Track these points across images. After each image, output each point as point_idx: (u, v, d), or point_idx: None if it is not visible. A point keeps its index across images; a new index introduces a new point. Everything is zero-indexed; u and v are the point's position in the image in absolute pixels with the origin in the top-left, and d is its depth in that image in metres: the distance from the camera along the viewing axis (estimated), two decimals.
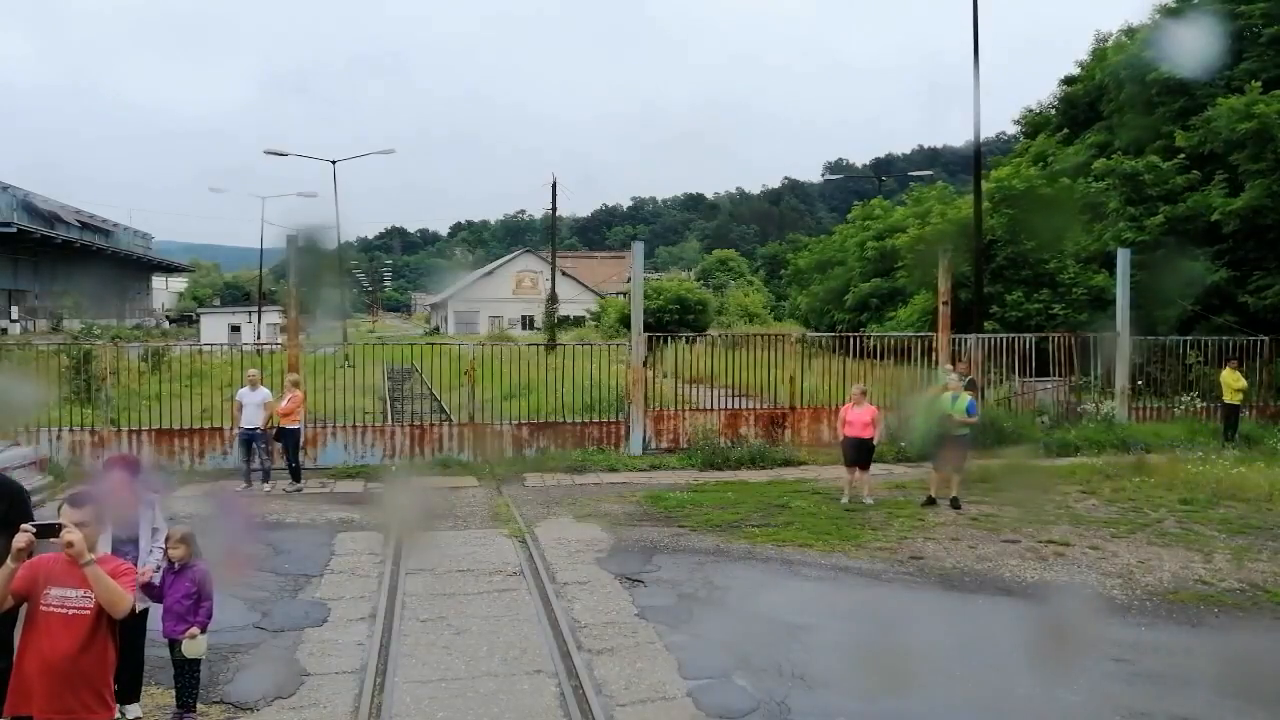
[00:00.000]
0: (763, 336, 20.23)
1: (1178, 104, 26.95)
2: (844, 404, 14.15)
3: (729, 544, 11.06)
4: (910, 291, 31.57)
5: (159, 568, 6.29)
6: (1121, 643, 7.96)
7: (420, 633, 8.08)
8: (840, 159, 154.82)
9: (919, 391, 16.30)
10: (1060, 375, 19.57)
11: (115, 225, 71.95)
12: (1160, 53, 26.72)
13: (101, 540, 6.21)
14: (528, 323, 73.03)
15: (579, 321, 63.58)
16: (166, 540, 6.33)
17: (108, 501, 6.32)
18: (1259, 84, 23.44)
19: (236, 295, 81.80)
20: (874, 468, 13.68)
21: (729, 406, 17.91)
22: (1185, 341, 20.28)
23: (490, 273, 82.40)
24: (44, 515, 6.76)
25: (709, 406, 17.82)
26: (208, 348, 28.22)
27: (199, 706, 6.62)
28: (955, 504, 12.76)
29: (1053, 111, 36.03)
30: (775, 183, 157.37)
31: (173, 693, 6.87)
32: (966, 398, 13.08)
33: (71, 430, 15.40)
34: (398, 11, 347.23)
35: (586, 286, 76.53)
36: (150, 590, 6.26)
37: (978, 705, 6.86)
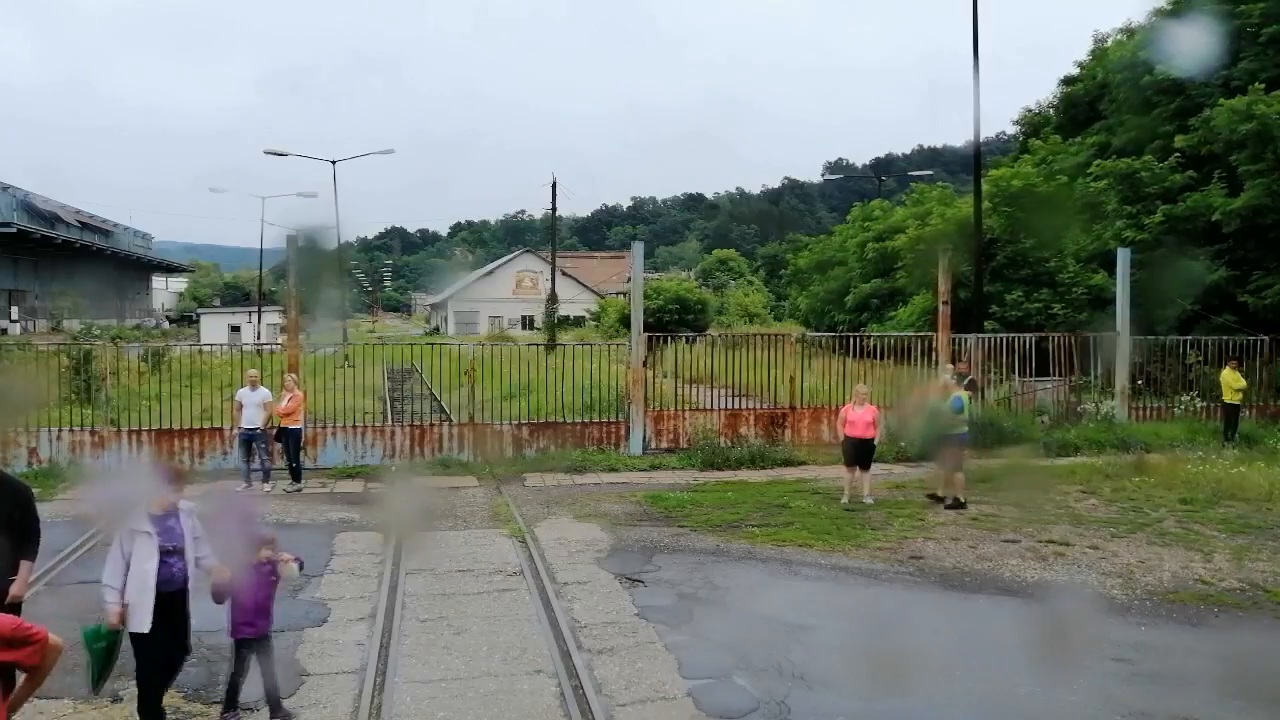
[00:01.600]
0: (763, 336, 20.22)
1: (1174, 104, 26.97)
2: (844, 404, 14.16)
3: (729, 544, 11.06)
4: (910, 291, 31.56)
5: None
6: (1121, 643, 7.97)
7: (420, 633, 8.08)
8: (840, 159, 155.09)
9: (917, 390, 16.29)
10: (1060, 375, 19.57)
11: (115, 225, 71.90)
12: (1159, 53, 26.72)
13: (142, 552, 5.87)
14: (528, 323, 73.01)
15: (579, 321, 63.58)
16: (268, 556, 6.31)
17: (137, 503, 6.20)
18: (1261, 85, 23.44)
19: (236, 295, 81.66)
20: (874, 468, 13.67)
21: (729, 406, 17.90)
22: (1185, 341, 20.28)
23: (490, 273, 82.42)
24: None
25: (709, 406, 17.82)
26: (207, 348, 28.21)
27: (198, 706, 6.63)
28: (956, 503, 12.76)
29: (1052, 111, 36.04)
30: (775, 183, 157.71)
31: (173, 692, 6.87)
32: (953, 394, 13.14)
33: (71, 430, 15.38)
34: (397, 11, 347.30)
35: (586, 286, 76.52)
36: (218, 592, 6.19)
37: (978, 705, 6.86)
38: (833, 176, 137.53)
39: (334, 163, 45.87)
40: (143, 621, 5.83)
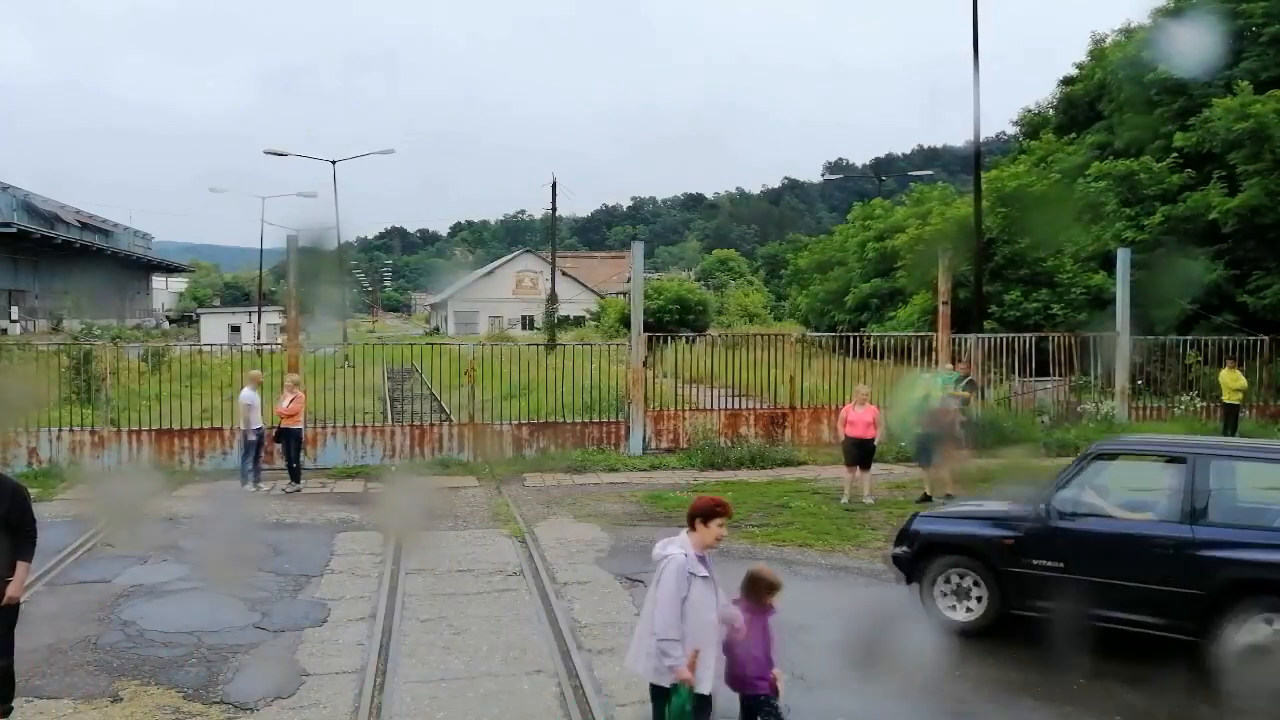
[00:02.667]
0: (763, 336, 20.22)
1: (1176, 104, 26.99)
2: (845, 404, 14.17)
3: (729, 544, 11.01)
4: (910, 291, 31.58)
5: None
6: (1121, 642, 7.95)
7: (420, 633, 8.08)
8: (840, 159, 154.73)
9: (906, 388, 16.29)
10: (1060, 375, 19.58)
11: (115, 225, 71.87)
12: (1159, 53, 26.74)
13: (702, 600, 4.93)
14: (528, 323, 72.97)
15: (579, 321, 63.56)
16: (763, 589, 5.40)
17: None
18: (1249, 84, 23.46)
19: (236, 295, 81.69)
20: (874, 468, 13.68)
21: (729, 406, 17.91)
22: (1185, 341, 20.29)
23: (490, 273, 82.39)
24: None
25: (709, 406, 17.82)
26: (208, 348, 28.21)
27: (198, 706, 6.62)
28: (926, 499, 12.71)
29: (1052, 112, 36.07)
30: (775, 183, 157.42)
31: (173, 692, 6.89)
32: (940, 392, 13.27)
33: (71, 430, 15.39)
34: (397, 11, 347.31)
35: (586, 286, 76.51)
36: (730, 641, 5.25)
37: (977, 704, 6.86)
38: (833, 176, 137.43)
39: (334, 163, 45.81)
40: (705, 681, 4.92)
